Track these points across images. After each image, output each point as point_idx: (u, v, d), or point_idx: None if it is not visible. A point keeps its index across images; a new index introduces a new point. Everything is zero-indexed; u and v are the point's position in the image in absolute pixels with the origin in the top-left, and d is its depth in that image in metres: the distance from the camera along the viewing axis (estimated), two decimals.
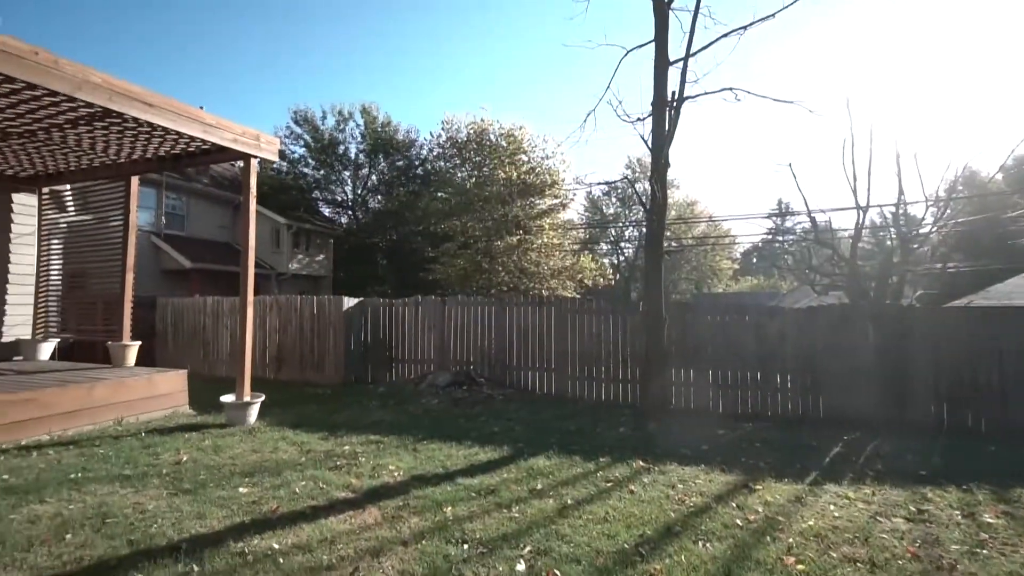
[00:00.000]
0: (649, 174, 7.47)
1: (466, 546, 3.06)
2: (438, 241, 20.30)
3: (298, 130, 27.02)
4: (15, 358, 8.07)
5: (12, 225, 8.30)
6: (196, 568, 2.71)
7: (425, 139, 28.78)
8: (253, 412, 6.12)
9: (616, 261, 38.50)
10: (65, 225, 8.93)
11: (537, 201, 18.92)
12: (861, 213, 9.86)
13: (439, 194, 19.50)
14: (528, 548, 3.04)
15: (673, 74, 6.99)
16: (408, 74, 64.77)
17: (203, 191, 19.70)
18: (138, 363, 7.87)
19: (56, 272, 8.79)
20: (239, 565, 2.76)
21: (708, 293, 39.84)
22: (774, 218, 47.45)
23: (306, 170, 27.25)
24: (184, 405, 6.83)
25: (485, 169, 19.08)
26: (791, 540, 3.20)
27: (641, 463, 4.71)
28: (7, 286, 8.23)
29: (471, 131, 19.58)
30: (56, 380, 6.03)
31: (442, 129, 20.87)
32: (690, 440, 5.61)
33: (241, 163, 6.68)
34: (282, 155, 25.88)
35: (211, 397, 7.12)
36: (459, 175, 20.52)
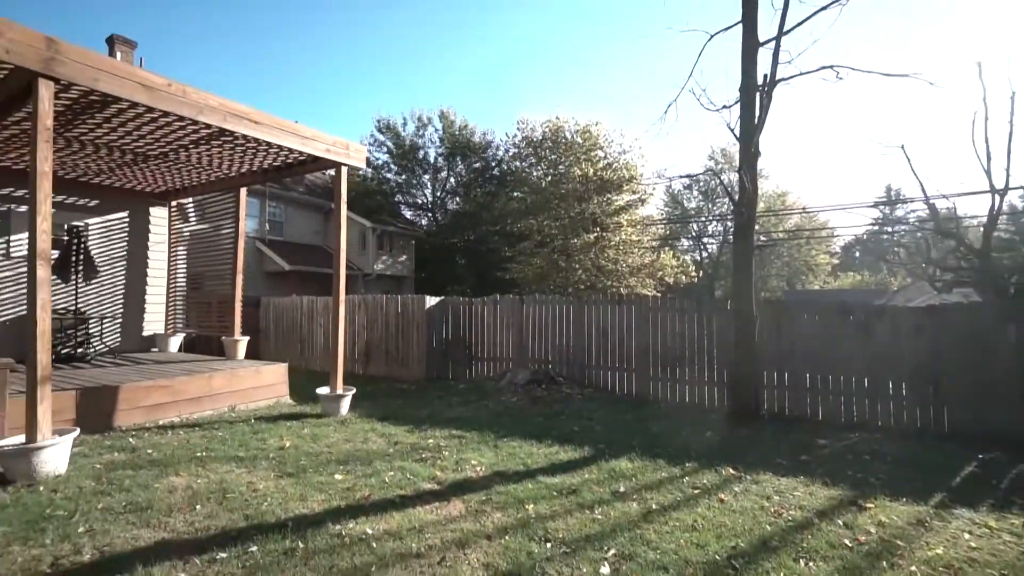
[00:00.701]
0: (737, 164, 7.03)
1: (549, 544, 3.05)
2: (515, 240, 20.52)
3: (381, 137, 28.58)
4: (152, 349, 9.26)
5: (149, 235, 9.53)
6: (301, 545, 2.93)
7: (501, 140, 29.25)
8: (345, 404, 6.54)
9: (699, 258, 36.71)
10: (188, 233, 10.09)
11: (614, 197, 18.52)
12: (998, 197, 8.55)
13: (515, 194, 19.72)
14: (612, 551, 2.97)
15: (763, 56, 6.52)
16: (484, 78, 66.05)
17: (299, 199, 21.40)
18: (246, 356, 8.72)
19: (181, 275, 9.96)
20: (337, 546, 2.96)
21: (802, 290, 36.79)
22: (882, 207, 42.65)
23: (389, 175, 28.75)
24: (285, 396, 7.45)
25: (561, 167, 18.99)
26: (914, 568, 2.85)
27: (731, 471, 4.44)
28: (146, 288, 9.47)
29: (546, 129, 19.59)
30: (183, 370, 6.83)
31: (517, 129, 21.10)
32: (785, 449, 5.20)
33: (332, 171, 7.17)
34: (367, 162, 27.42)
35: (307, 389, 7.72)
36: (535, 174, 20.60)
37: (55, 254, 7.15)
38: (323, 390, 6.61)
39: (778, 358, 6.96)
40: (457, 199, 29.77)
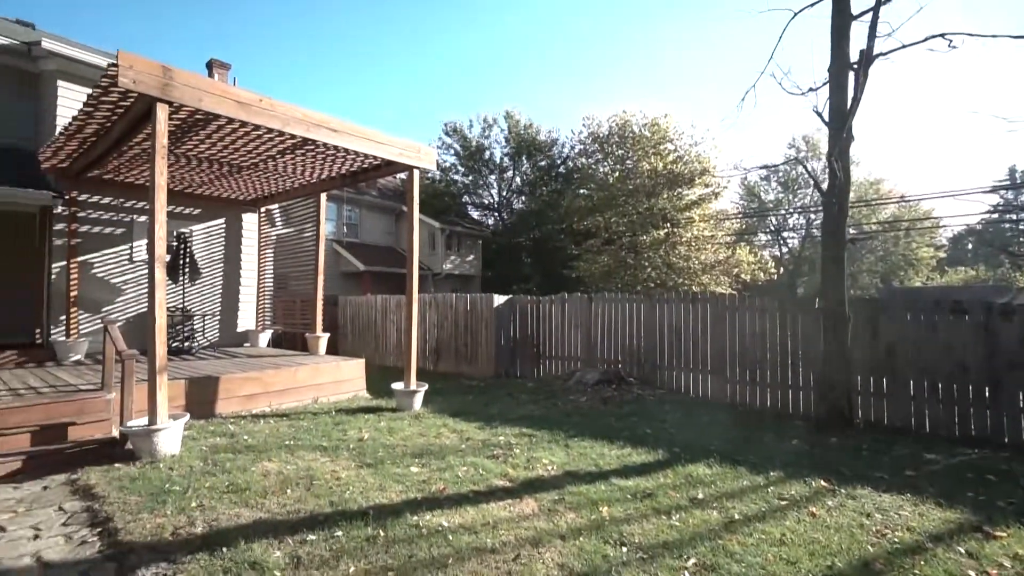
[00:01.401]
0: (823, 152, 6.47)
1: (624, 549, 2.97)
2: (581, 238, 20.32)
3: (448, 140, 29.32)
4: (245, 344, 10.09)
5: (242, 240, 10.40)
6: (382, 534, 3.06)
7: (566, 137, 29.09)
8: (418, 399, 6.76)
9: (779, 253, 34.43)
10: (274, 237, 10.89)
11: (685, 191, 17.81)
12: None
13: (581, 191, 19.51)
14: (692, 561, 2.84)
15: (856, 30, 5.96)
16: (549, 77, 65.82)
17: (371, 202, 22.44)
18: (327, 352, 9.26)
19: (269, 275, 10.77)
20: (415, 537, 3.05)
21: (902, 287, 33.40)
22: (1003, 191, 37.51)
23: (456, 177, 29.42)
24: (363, 390, 7.83)
25: (628, 162, 18.56)
26: None
27: (822, 483, 4.11)
28: (240, 287, 10.33)
29: (612, 124, 19.21)
30: (272, 364, 7.37)
31: (583, 125, 20.96)
32: (886, 462, 4.73)
33: (404, 174, 7.44)
34: (436, 164, 28.33)
35: (382, 383, 8.06)
36: (601, 170, 20.28)
37: (167, 258, 7.99)
38: (397, 385, 6.87)
39: (875, 362, 6.35)
40: (523, 198, 29.92)
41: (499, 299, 10.26)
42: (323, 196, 9.26)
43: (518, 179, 29.89)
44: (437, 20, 62.35)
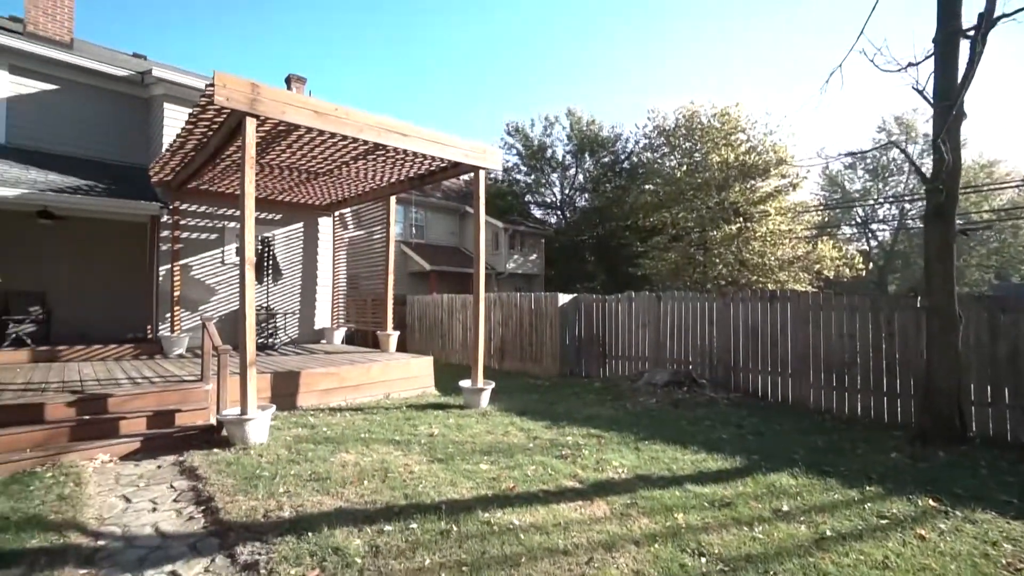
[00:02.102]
0: (918, 134, 5.82)
1: (704, 559, 2.83)
2: (647, 235, 19.76)
3: (511, 140, 29.52)
4: (321, 341, 10.69)
5: (318, 242, 11.02)
6: (455, 528, 3.11)
7: (630, 132, 28.39)
8: (485, 397, 6.84)
9: (867, 247, 31.66)
10: (347, 239, 11.44)
11: (759, 183, 16.80)
12: None
13: (646, 186, 18.94)
14: None
15: None
16: (612, 71, 64.58)
17: (437, 204, 23.05)
18: (396, 349, 9.60)
19: (342, 276, 11.34)
20: (487, 533, 3.07)
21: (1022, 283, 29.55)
22: None
23: (518, 176, 29.57)
24: (431, 386, 8.04)
25: (697, 155, 17.80)
26: None
27: (930, 503, 3.70)
28: (316, 287, 10.97)
29: (679, 116, 18.49)
30: (347, 360, 7.75)
31: (647, 119, 20.35)
32: (1015, 484, 4.17)
33: (467, 176, 7.54)
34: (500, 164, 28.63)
35: (448, 380, 8.24)
36: (667, 164, 19.60)
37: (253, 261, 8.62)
38: (465, 383, 6.99)
39: (995, 368, 5.66)
40: (586, 195, 29.56)
41: (564, 298, 10.18)
42: (392, 199, 9.60)
43: (581, 176, 29.57)
44: (497, 24, 63.01)
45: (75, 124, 9.24)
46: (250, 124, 5.05)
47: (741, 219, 16.46)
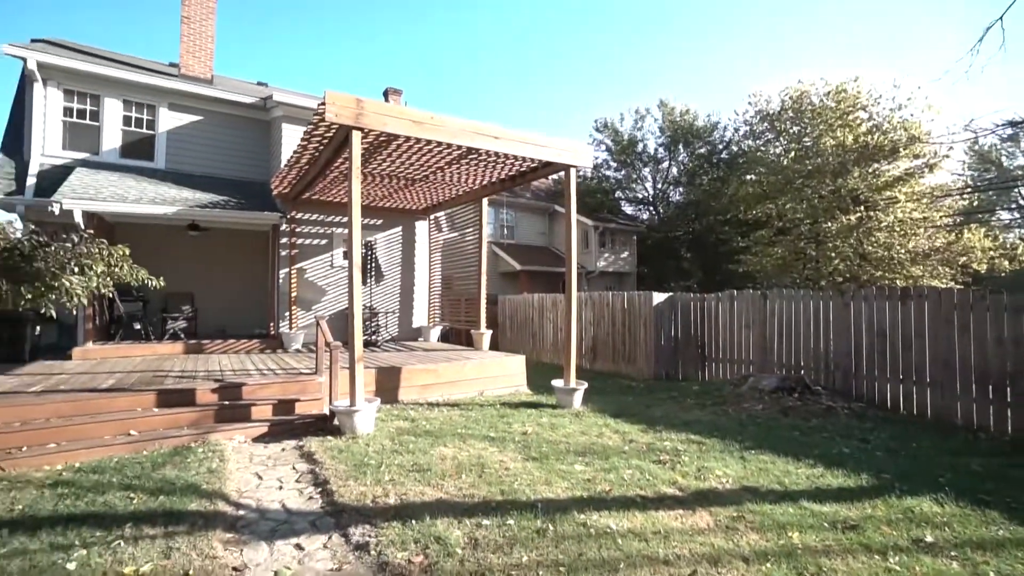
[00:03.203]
0: None
1: None
2: (749, 229, 18.41)
3: (599, 136, 28.97)
4: (418, 339, 11.26)
5: (415, 245, 11.63)
6: (551, 528, 3.11)
7: (729, 120, 26.63)
8: (578, 397, 6.77)
9: None
10: (441, 241, 11.94)
11: (884, 167, 14.89)
12: None
13: (748, 177, 17.59)
14: None
15: None
16: (706, 57, 60.98)
17: (526, 204, 23.28)
18: (489, 348, 9.83)
19: (437, 277, 11.85)
20: (583, 535, 3.03)
21: None
22: None
23: (608, 172, 28.93)
24: (523, 385, 8.13)
25: (806, 139, 16.23)
26: None
27: None
28: (414, 287, 11.58)
29: (785, 98, 16.97)
30: (443, 357, 8.08)
31: (748, 104, 18.83)
32: None
33: (555, 176, 7.51)
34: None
35: (540, 379, 8.28)
36: (772, 152, 18.09)
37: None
38: (557, 382, 6.98)
39: None
40: (680, 189, 28.18)
41: (658, 297, 9.79)
42: (484, 201, 9.85)
43: (674, 170, 28.24)
44: (582, 20, 62.20)
45: (213, 148, 10.61)
46: (356, 137, 5.45)
47: (862, 208, 14.71)
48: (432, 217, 11.76)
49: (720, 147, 26.88)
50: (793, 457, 4.60)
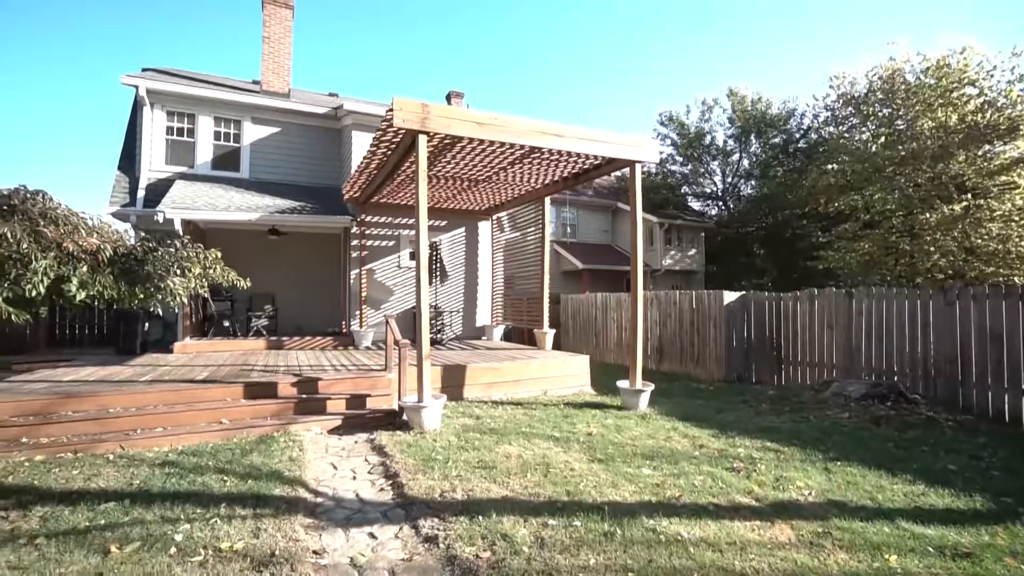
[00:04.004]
0: None
1: None
2: (830, 223, 17.08)
3: (664, 130, 27.98)
4: (482, 338, 11.41)
5: (478, 245, 11.81)
6: (619, 532, 3.03)
7: (806, 106, 24.83)
8: (644, 399, 6.58)
9: None
10: (503, 241, 12.03)
11: (999, 147, 13.22)
12: None
13: (829, 167, 16.27)
14: None
15: None
16: (781, 39, 57.26)
17: (588, 202, 22.97)
18: (551, 347, 9.78)
19: (499, 276, 11.96)
20: (653, 542, 2.93)
21: None
22: None
23: (673, 167, 27.89)
24: (587, 386, 8.02)
25: (899, 122, 14.79)
26: None
27: None
28: (477, 287, 11.76)
29: (873, 78, 15.55)
30: (507, 356, 8.14)
31: (830, 87, 17.38)
32: None
33: (617, 173, 7.32)
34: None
35: (604, 380, 8.12)
36: (857, 138, 16.66)
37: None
38: (623, 383, 6.81)
39: None
40: (752, 182, 26.62)
41: (729, 296, 9.31)
42: (547, 200, 9.82)
43: (745, 162, 26.72)
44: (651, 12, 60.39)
45: (290, 156, 11.35)
46: (422, 140, 5.61)
47: (968, 196, 13.17)
48: (495, 217, 11.88)
49: (797, 136, 25.13)
50: (887, 472, 4.20)
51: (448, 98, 20.52)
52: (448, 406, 6.32)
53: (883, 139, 14.83)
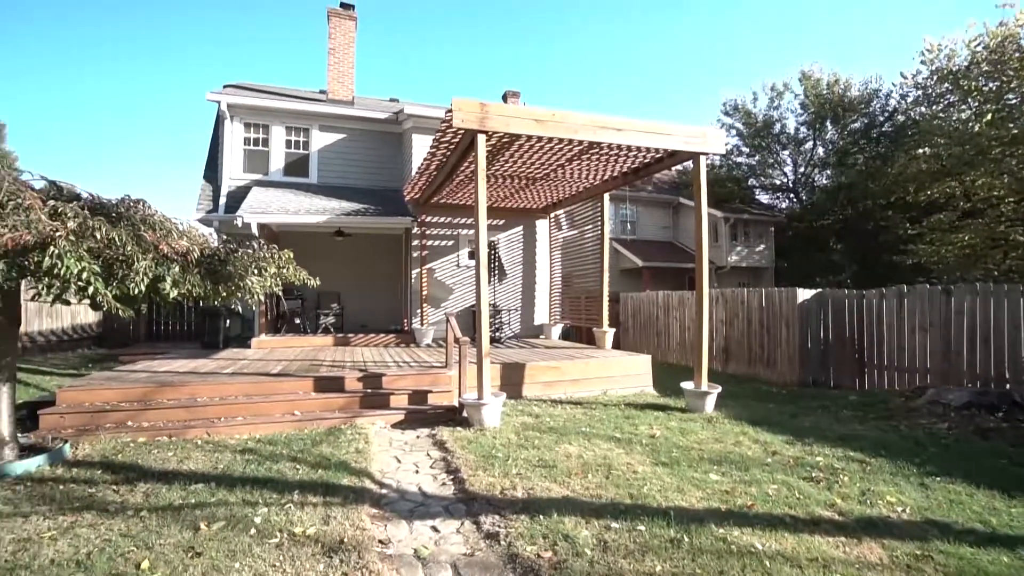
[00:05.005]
0: None
1: None
2: (920, 213, 15.57)
3: (728, 120, 26.63)
4: (540, 336, 11.37)
5: (536, 244, 11.77)
6: (686, 539, 2.89)
7: (892, 84, 22.72)
8: (710, 402, 6.28)
9: None
10: (561, 240, 11.92)
11: None
12: None
13: (920, 151, 14.81)
14: None
15: None
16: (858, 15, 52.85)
17: (648, 198, 22.33)
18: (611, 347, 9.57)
19: (557, 274, 11.86)
20: (723, 552, 2.77)
21: None
22: None
23: (739, 159, 26.50)
24: (649, 386, 7.77)
25: (1010, 95, 13.16)
26: None
27: None
28: (535, 286, 11.73)
29: (977, 48, 13.90)
30: (566, 355, 8.05)
31: (920, 63, 15.71)
32: None
33: (678, 167, 7.01)
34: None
35: (666, 381, 7.84)
36: (955, 117, 15.05)
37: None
38: (687, 385, 6.54)
39: None
40: (828, 172, 24.76)
41: (804, 293, 8.71)
42: (605, 197, 9.62)
43: (820, 150, 24.89)
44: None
45: (354, 161, 11.84)
46: (481, 139, 5.65)
47: None
48: (552, 215, 11.80)
49: (881, 119, 23.07)
50: (1002, 492, 3.73)
51: (504, 98, 20.60)
52: (507, 404, 6.33)
53: (989, 116, 13.22)
